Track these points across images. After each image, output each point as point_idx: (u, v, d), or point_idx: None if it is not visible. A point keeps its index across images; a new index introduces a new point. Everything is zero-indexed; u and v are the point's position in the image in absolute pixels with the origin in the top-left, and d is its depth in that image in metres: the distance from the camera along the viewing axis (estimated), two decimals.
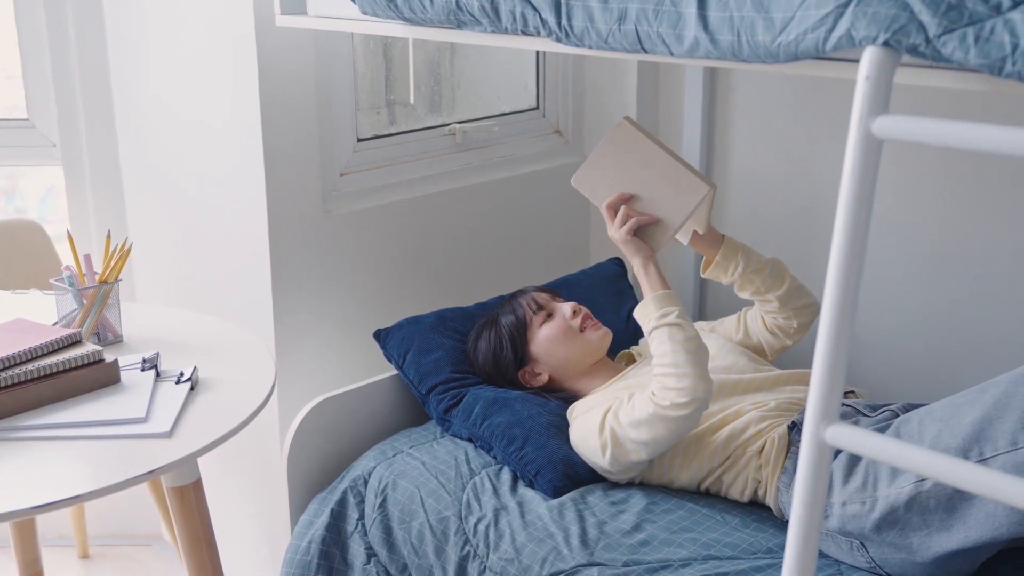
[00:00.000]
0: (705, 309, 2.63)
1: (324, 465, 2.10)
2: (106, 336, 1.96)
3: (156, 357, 1.83)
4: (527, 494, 1.88)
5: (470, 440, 2.03)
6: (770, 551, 1.71)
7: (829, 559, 1.72)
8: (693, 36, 1.30)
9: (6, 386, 1.66)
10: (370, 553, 1.94)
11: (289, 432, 2.06)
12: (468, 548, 1.83)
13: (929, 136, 0.96)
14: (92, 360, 1.74)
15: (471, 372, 2.15)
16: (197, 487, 1.79)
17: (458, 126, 2.52)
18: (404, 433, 2.12)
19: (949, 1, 1.04)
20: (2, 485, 1.49)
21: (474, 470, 1.95)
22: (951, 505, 1.56)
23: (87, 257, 1.95)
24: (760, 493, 1.83)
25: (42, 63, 2.45)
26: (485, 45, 1.84)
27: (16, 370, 1.67)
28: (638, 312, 1.90)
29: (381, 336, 2.21)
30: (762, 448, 1.82)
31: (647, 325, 1.87)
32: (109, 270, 1.96)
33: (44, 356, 1.72)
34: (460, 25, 1.64)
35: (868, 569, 1.68)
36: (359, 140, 2.34)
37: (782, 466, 1.79)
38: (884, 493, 1.61)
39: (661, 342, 1.83)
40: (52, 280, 1.96)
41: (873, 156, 1.01)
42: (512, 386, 2.10)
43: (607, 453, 1.85)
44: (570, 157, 2.68)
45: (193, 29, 2.22)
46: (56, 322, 1.95)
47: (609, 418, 1.85)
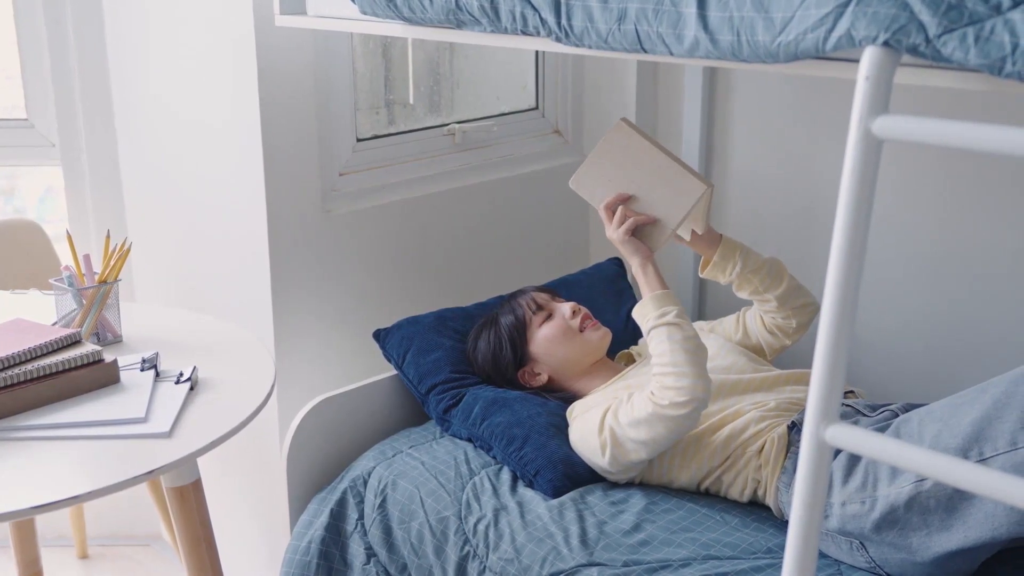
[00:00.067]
0: (704, 309, 2.63)
1: (324, 465, 2.10)
2: (106, 336, 1.96)
3: (156, 357, 1.83)
4: (527, 494, 1.88)
5: (470, 440, 2.03)
6: (770, 551, 1.71)
7: (829, 559, 1.72)
8: (693, 36, 1.30)
9: (6, 386, 1.66)
10: (370, 553, 1.94)
11: (289, 432, 2.06)
12: (468, 548, 1.83)
13: (929, 136, 0.96)
14: (92, 360, 1.74)
15: (471, 372, 2.15)
16: (197, 487, 1.79)
17: (457, 126, 2.52)
18: (404, 433, 2.12)
19: (949, 1, 1.04)
20: (2, 485, 1.49)
21: (474, 470, 1.95)
22: (951, 505, 1.56)
23: (86, 257, 1.95)
24: (760, 493, 1.83)
25: (41, 63, 2.45)
26: (484, 45, 1.84)
27: (16, 370, 1.67)
28: (636, 312, 1.90)
29: (381, 336, 2.21)
30: (762, 448, 1.82)
31: (645, 325, 1.87)
32: (108, 270, 1.95)
33: (44, 356, 1.72)
34: (460, 25, 1.64)
35: (868, 569, 1.68)
36: (358, 140, 2.34)
37: (782, 466, 1.79)
38: (884, 493, 1.61)
39: (660, 341, 1.83)
40: (51, 280, 1.96)
41: (873, 156, 1.01)
42: (512, 386, 2.10)
43: (607, 453, 1.85)
44: (569, 157, 2.68)
45: (193, 29, 2.22)
46: (56, 322, 1.94)
47: (608, 418, 1.85)
